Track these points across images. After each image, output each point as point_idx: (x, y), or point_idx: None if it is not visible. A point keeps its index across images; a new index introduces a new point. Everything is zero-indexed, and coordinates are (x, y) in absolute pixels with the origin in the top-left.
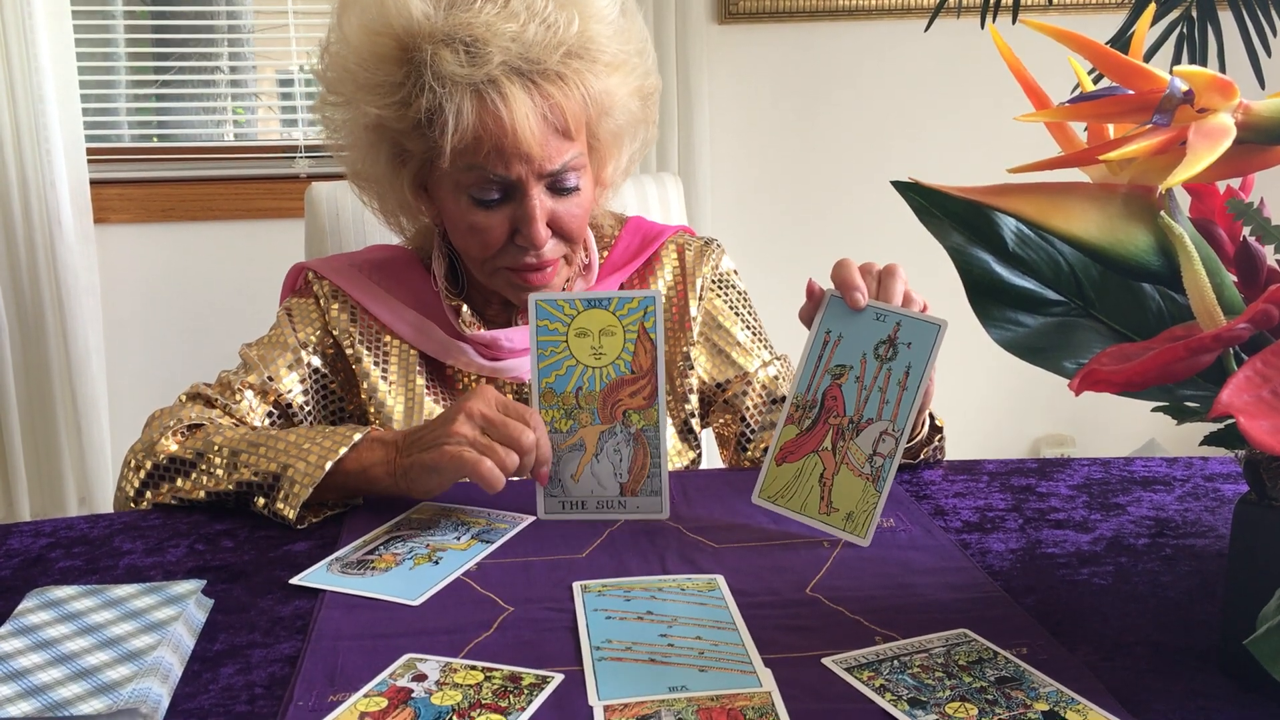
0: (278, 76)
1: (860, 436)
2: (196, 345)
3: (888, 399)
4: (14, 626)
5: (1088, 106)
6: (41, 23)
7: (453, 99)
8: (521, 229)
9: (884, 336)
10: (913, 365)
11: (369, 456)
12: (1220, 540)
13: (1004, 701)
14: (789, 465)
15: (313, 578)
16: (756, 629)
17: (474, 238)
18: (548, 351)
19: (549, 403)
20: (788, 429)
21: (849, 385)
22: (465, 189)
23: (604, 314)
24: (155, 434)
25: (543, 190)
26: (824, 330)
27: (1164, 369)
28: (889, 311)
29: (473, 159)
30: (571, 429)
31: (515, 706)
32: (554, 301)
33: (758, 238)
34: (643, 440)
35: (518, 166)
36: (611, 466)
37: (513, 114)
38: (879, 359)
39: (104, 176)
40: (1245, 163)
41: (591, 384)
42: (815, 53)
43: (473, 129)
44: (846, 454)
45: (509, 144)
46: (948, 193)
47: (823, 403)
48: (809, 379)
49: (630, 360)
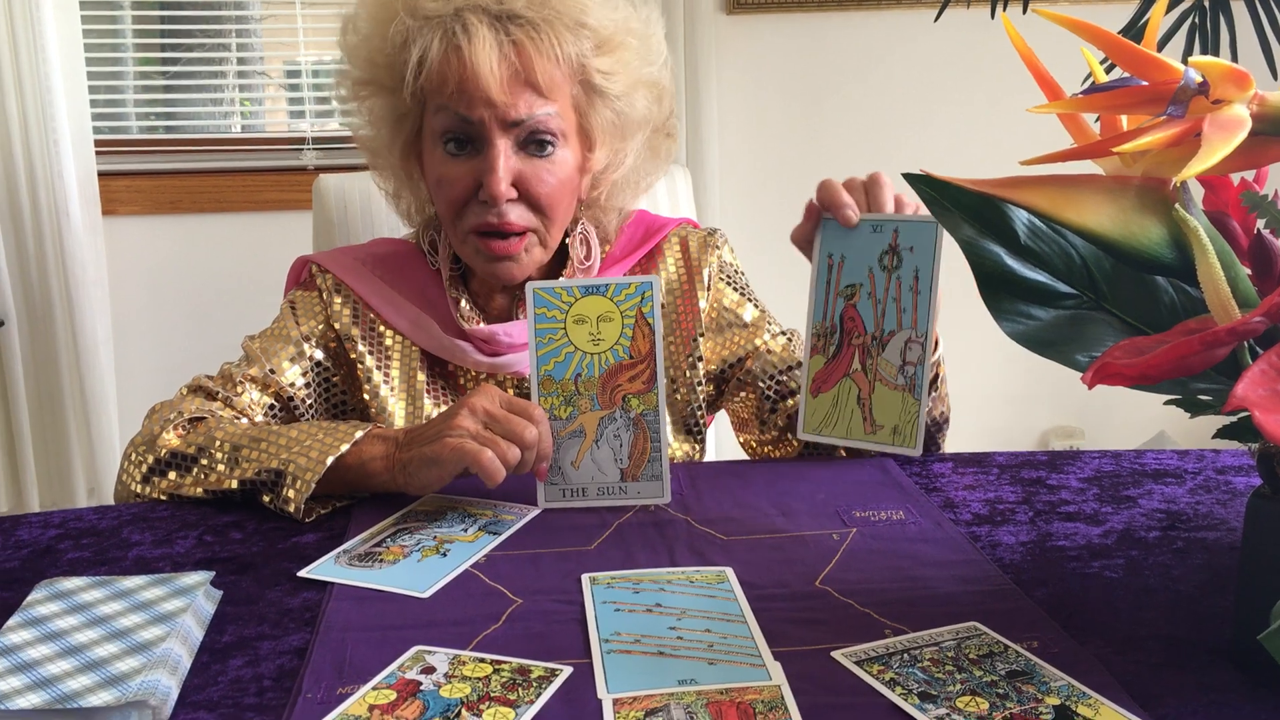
0: (285, 68)
1: (887, 350)
2: (204, 337)
3: (904, 307)
4: (23, 618)
5: (1101, 98)
6: (49, 14)
7: (423, 35)
8: (483, 179)
9: (885, 246)
10: (920, 268)
11: (369, 451)
12: (1232, 534)
13: (1015, 695)
14: (825, 394)
15: (321, 570)
16: (766, 622)
17: (442, 192)
18: (546, 339)
19: (548, 390)
20: (815, 360)
21: (863, 303)
22: (439, 139)
23: (602, 300)
24: (156, 427)
25: (510, 145)
26: (825, 254)
27: (1178, 363)
28: (883, 220)
29: (440, 99)
30: (571, 415)
31: (524, 699)
32: (551, 289)
33: (766, 229)
34: (642, 424)
35: (479, 109)
36: (612, 452)
37: (474, 50)
38: (885, 270)
39: (112, 168)
40: (1260, 155)
41: (590, 370)
42: (824, 44)
43: (438, 66)
44: (878, 370)
45: (469, 81)
46: (959, 184)
47: (842, 325)
48: (823, 305)
49: (628, 346)
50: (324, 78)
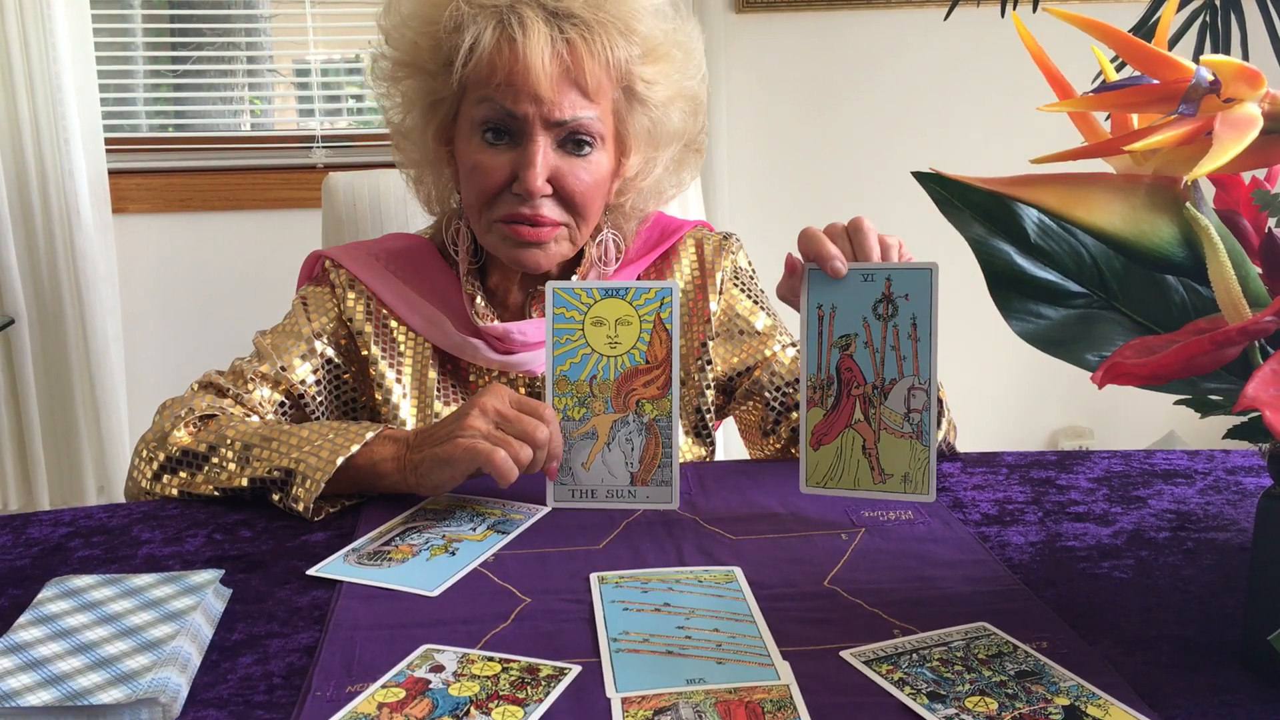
0: (295, 66)
1: (890, 399)
2: (214, 334)
3: (904, 355)
4: (33, 615)
5: (1112, 96)
6: (60, 13)
7: (476, 22)
8: (520, 173)
9: (879, 295)
10: (918, 315)
11: (380, 452)
12: (1242, 534)
13: (1024, 696)
14: (827, 447)
15: (330, 569)
16: (774, 621)
17: (475, 179)
18: (563, 339)
19: (563, 391)
20: (813, 412)
21: (860, 353)
22: (477, 126)
23: (621, 303)
24: (167, 424)
25: (550, 142)
26: (814, 305)
27: (1188, 362)
28: (874, 269)
29: (485, 90)
30: (584, 417)
31: (533, 698)
32: (571, 290)
33: (775, 228)
34: (655, 430)
35: (525, 104)
36: (623, 455)
37: (528, 44)
38: (880, 318)
39: (122, 166)
40: (1271, 153)
41: (606, 373)
42: (833, 42)
43: (489, 55)
44: (882, 419)
45: (519, 75)
46: (969, 183)
47: (839, 376)
48: (817, 357)
49: (645, 350)
50: (333, 76)
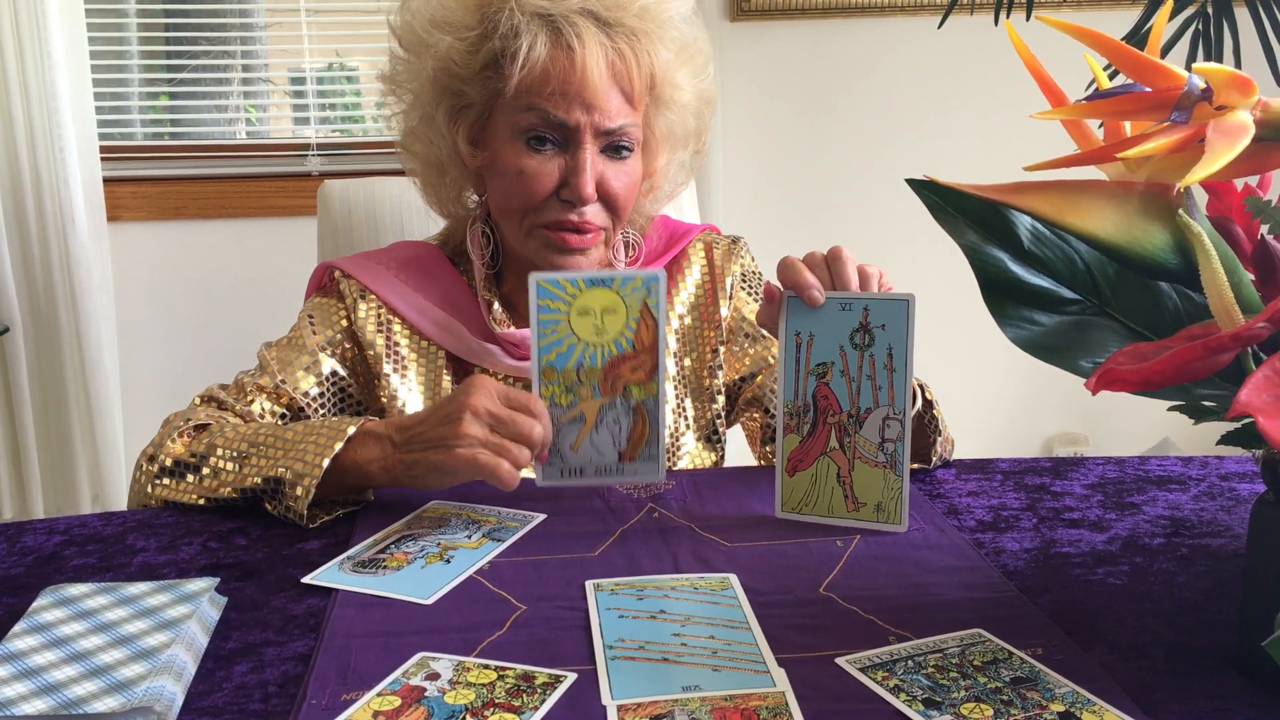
0: (290, 74)
1: (864, 428)
2: (209, 342)
3: (879, 385)
4: (28, 624)
5: (1105, 103)
6: (55, 20)
7: (530, 29)
8: (570, 180)
9: (856, 324)
10: (894, 345)
11: (364, 454)
12: (1236, 540)
13: (1019, 702)
14: (802, 473)
15: (325, 576)
16: (770, 628)
17: (521, 184)
18: (549, 330)
19: (549, 379)
20: (789, 439)
21: (836, 381)
22: (522, 133)
23: (607, 292)
24: (165, 436)
25: (596, 148)
26: (792, 333)
27: (1181, 368)
28: (852, 299)
29: (535, 98)
30: (572, 403)
31: (528, 705)
32: (556, 281)
33: (770, 235)
34: (642, 411)
35: (577, 113)
36: (611, 436)
37: (585, 54)
38: (857, 348)
39: (117, 174)
40: (1263, 160)
41: (593, 360)
42: (828, 50)
43: (543, 63)
44: (856, 448)
45: (575, 86)
46: (963, 190)
47: (815, 404)
48: (793, 385)
49: (632, 338)
50: (329, 84)
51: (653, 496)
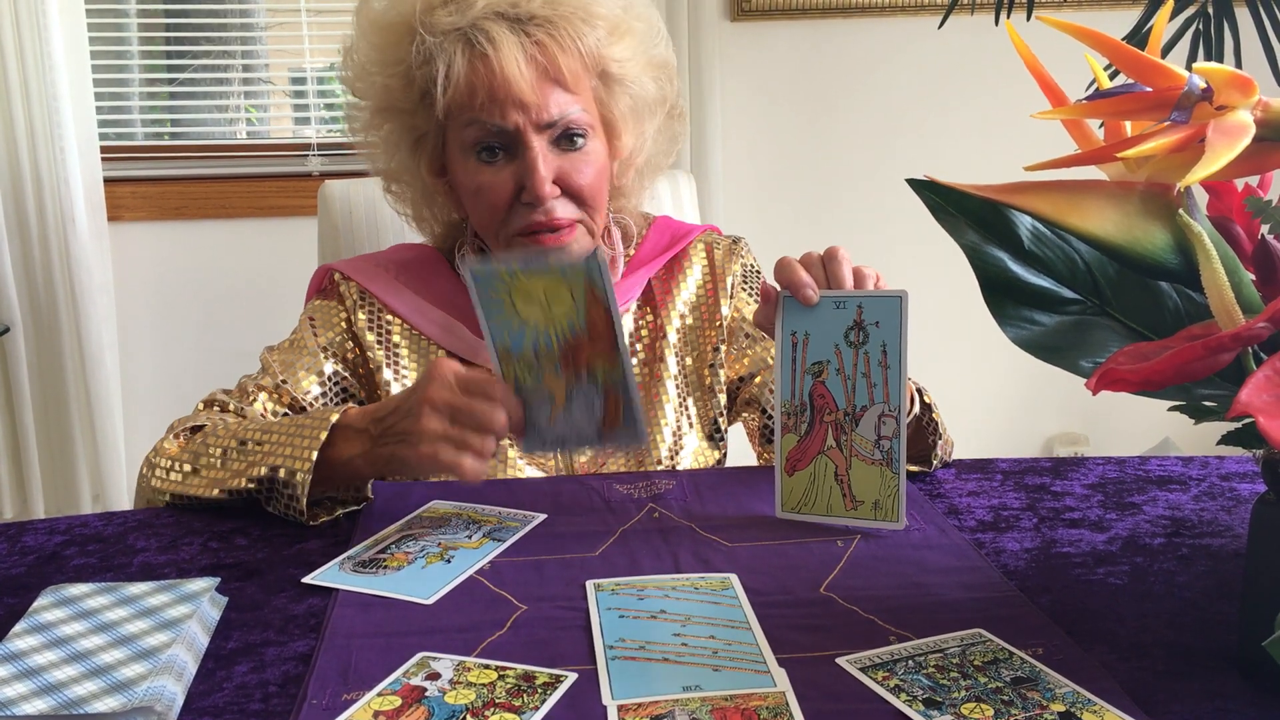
0: (290, 74)
1: (860, 425)
2: (210, 343)
3: (874, 382)
4: (28, 624)
5: (1105, 103)
6: (55, 20)
7: (444, 49)
8: (526, 183)
9: (850, 322)
10: (888, 343)
11: (347, 450)
12: (1237, 540)
13: (1020, 702)
14: (800, 473)
15: (325, 576)
16: (770, 628)
17: (481, 200)
18: (496, 317)
19: (508, 362)
20: (787, 438)
21: (832, 380)
22: (470, 149)
23: (545, 275)
24: (164, 439)
25: (545, 144)
26: (788, 333)
27: (1182, 368)
28: (846, 297)
29: (470, 112)
30: (538, 382)
31: (529, 705)
32: (490, 269)
33: (770, 235)
34: (612, 390)
35: (513, 114)
36: (586, 414)
37: (500, 57)
38: (852, 345)
39: (117, 174)
40: (1264, 160)
41: (549, 341)
42: (828, 50)
43: (465, 77)
44: (853, 446)
45: (499, 88)
46: (963, 190)
47: (812, 403)
48: (790, 384)
49: (585, 320)
50: (329, 84)
51: (653, 496)
